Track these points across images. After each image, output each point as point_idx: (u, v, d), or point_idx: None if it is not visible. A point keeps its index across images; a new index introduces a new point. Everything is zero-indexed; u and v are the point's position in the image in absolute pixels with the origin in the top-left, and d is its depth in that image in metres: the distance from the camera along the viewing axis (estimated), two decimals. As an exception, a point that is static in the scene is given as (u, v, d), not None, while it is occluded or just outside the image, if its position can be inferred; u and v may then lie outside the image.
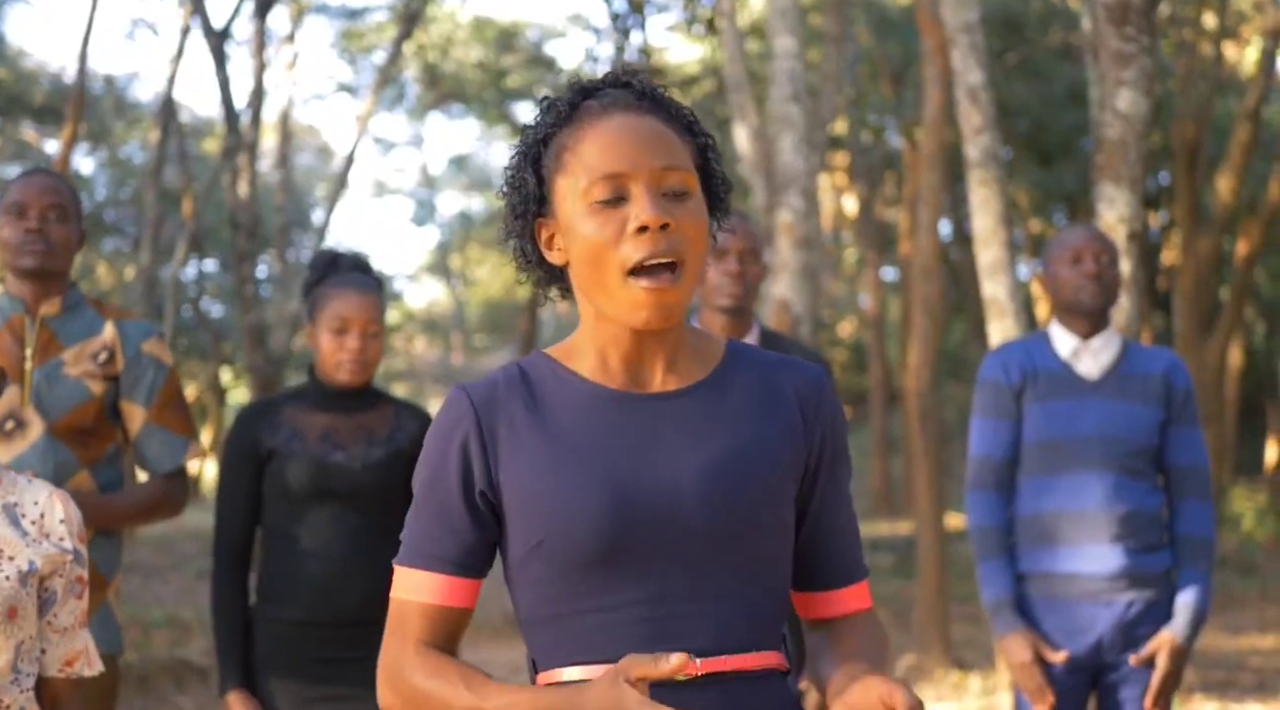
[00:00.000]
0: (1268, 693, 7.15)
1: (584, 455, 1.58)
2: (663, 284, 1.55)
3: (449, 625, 1.62)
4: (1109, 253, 3.33)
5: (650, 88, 1.64)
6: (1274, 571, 12.85)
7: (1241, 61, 18.44)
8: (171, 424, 3.10)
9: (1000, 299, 5.78)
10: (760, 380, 1.65)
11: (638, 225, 1.55)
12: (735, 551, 1.58)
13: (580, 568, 1.55)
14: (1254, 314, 21.85)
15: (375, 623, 3.07)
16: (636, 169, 1.56)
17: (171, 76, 14.22)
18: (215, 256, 24.02)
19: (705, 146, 1.65)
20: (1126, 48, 5.20)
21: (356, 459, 3.11)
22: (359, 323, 3.11)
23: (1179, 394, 3.30)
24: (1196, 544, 3.26)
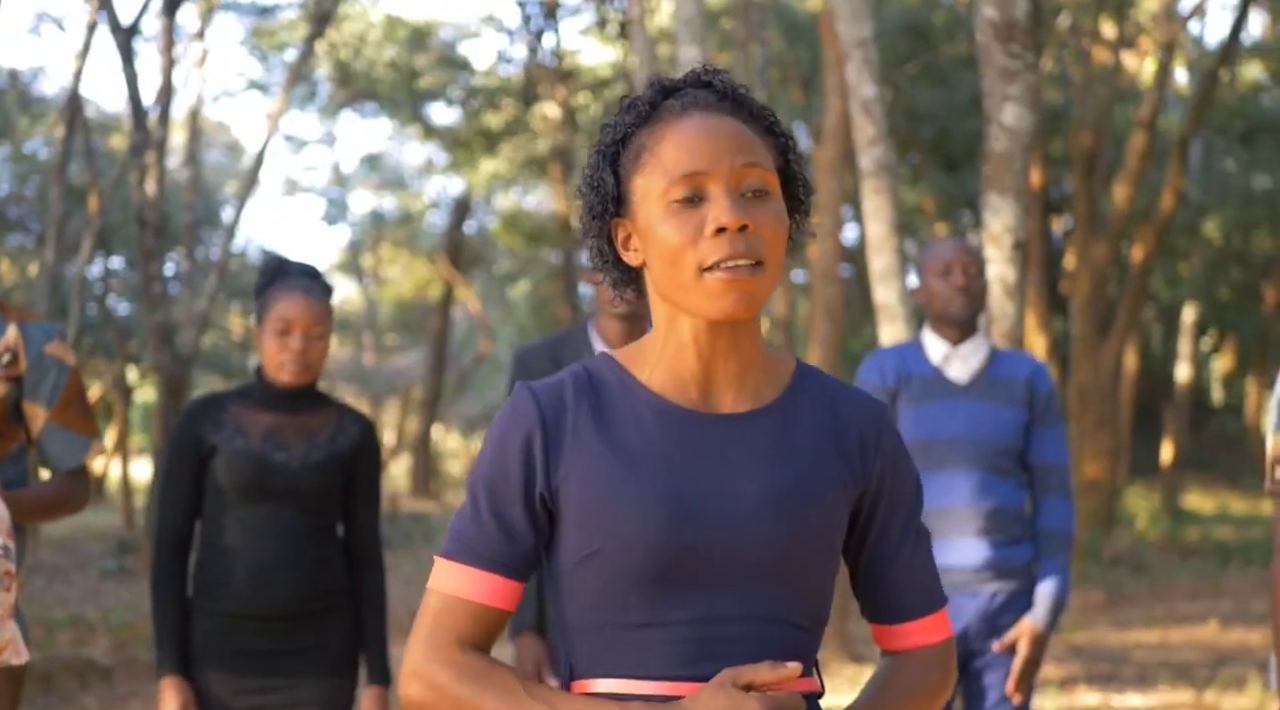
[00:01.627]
0: (1148, 685, 7.41)
1: (648, 471, 1.56)
2: (741, 275, 1.53)
3: (490, 626, 1.59)
4: (977, 265, 3.52)
5: (731, 87, 1.61)
6: (1164, 570, 13.23)
7: (1140, 71, 18.91)
8: (73, 423, 3.17)
9: (891, 304, 5.98)
10: (828, 408, 1.64)
11: (716, 226, 1.53)
12: (786, 580, 1.57)
13: (632, 582, 1.54)
14: (1151, 318, 22.42)
15: (306, 616, 3.20)
16: (715, 169, 1.54)
17: (78, 72, 14.08)
18: (121, 254, 23.76)
19: (786, 147, 1.63)
20: (1012, 64, 5.41)
21: (297, 458, 3.21)
22: (302, 325, 3.20)
23: (1042, 397, 3.50)
24: (1057, 538, 3.47)
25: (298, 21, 21.11)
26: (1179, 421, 19.76)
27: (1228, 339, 23.63)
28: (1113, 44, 16.88)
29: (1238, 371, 24.15)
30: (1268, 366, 21.18)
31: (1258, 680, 7.12)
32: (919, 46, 17.30)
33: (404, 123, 23.80)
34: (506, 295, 29.56)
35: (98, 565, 12.33)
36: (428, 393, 24.50)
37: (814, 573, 1.59)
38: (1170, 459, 19.15)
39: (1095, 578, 12.22)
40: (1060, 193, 19.55)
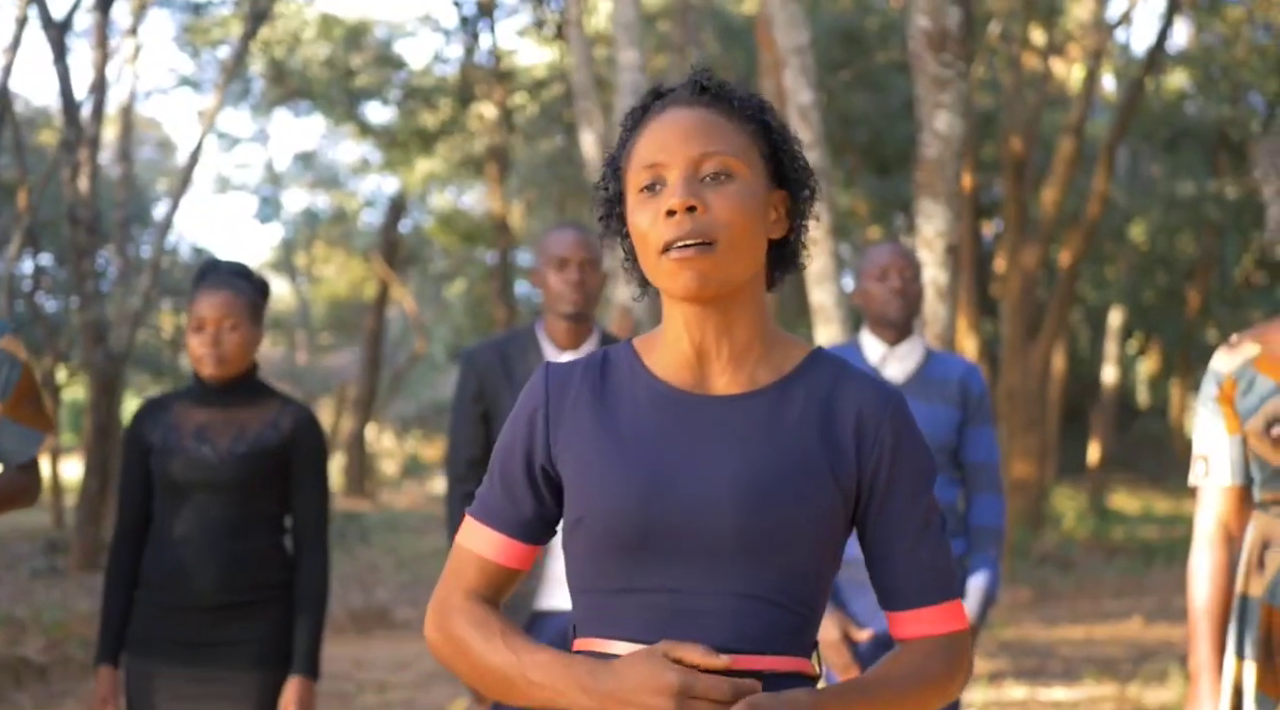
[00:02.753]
0: (1073, 679, 7.59)
1: (631, 447, 1.65)
2: (686, 255, 1.61)
3: (500, 581, 1.72)
4: (912, 269, 3.65)
5: (715, 83, 1.69)
6: (1089, 568, 13.48)
7: (1069, 78, 19.23)
8: (25, 418, 3.21)
9: (827, 306, 6.11)
10: (824, 396, 1.68)
11: (665, 209, 1.62)
12: (761, 560, 1.61)
13: (610, 550, 1.64)
14: (1078, 321, 22.78)
15: (234, 608, 3.26)
16: (672, 158, 1.64)
17: (7, 67, 13.91)
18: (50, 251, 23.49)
19: (774, 134, 1.70)
20: (944, 73, 5.55)
21: (217, 453, 3.29)
22: (213, 320, 3.30)
23: (974, 397, 3.63)
24: (987, 533, 3.60)
25: (231, 18, 20.97)
26: (1105, 423, 20.11)
27: (1153, 341, 24.07)
28: (1042, 51, 17.16)
29: (1162, 374, 24.61)
30: (1191, 369, 21.60)
31: (1179, 674, 7.32)
32: (853, 52, 17.49)
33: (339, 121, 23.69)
34: (442, 294, 29.52)
35: (28, 564, 12.23)
36: (362, 392, 24.43)
37: (795, 555, 1.62)
38: (1097, 460, 19.48)
39: (1023, 575, 12.44)
40: (990, 197, 19.84)
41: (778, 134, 1.70)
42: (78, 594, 11.42)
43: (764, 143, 1.69)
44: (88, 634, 9.40)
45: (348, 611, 10.06)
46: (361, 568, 13.38)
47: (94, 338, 13.58)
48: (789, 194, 1.71)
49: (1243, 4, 16.41)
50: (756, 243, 1.65)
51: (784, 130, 1.71)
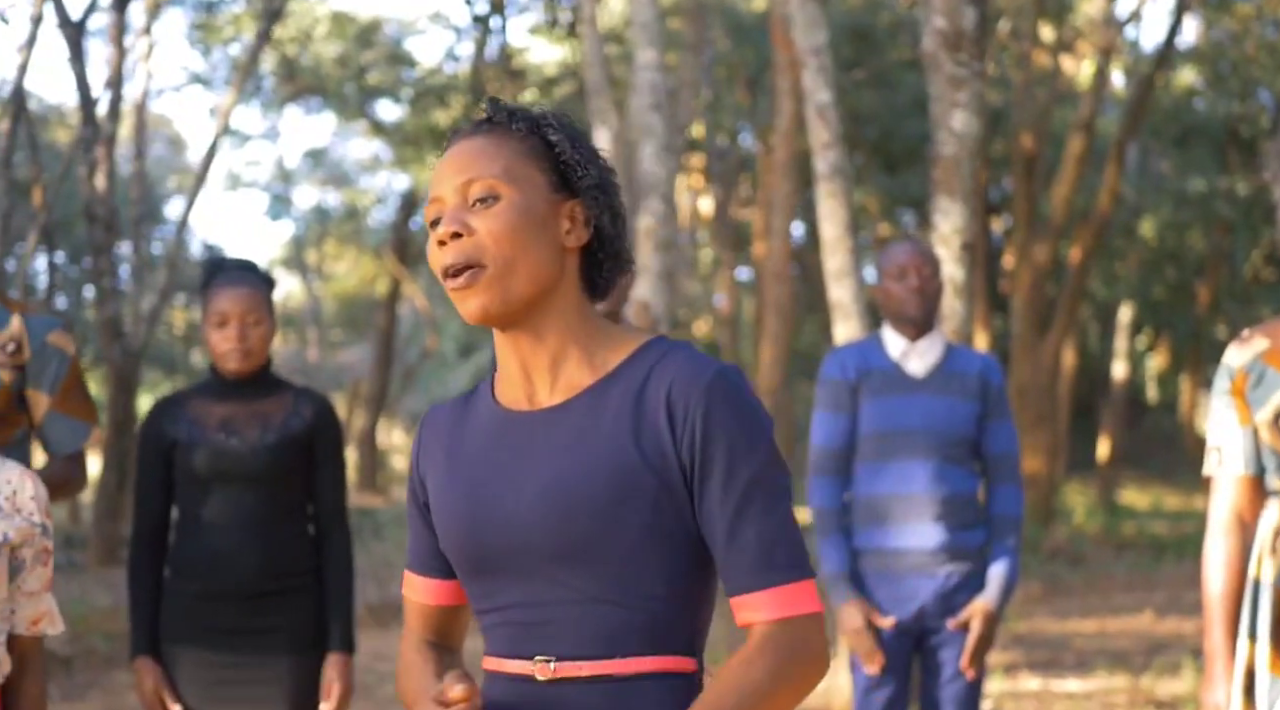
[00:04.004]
0: (1086, 670, 7.68)
1: (462, 476, 1.70)
2: (459, 283, 1.63)
3: (441, 621, 1.79)
4: (931, 266, 3.74)
5: (491, 110, 1.72)
6: (1100, 562, 13.55)
7: (1079, 74, 19.28)
8: (73, 410, 3.31)
9: (845, 302, 6.19)
10: (642, 386, 1.64)
11: (436, 242, 1.66)
12: (592, 564, 1.61)
13: (465, 575, 1.70)
14: (1088, 317, 22.84)
15: (270, 595, 3.36)
16: (444, 190, 1.67)
17: (23, 65, 14.00)
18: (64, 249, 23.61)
19: (553, 144, 1.70)
20: (960, 72, 5.63)
21: (250, 444, 3.37)
22: (236, 314, 3.38)
23: (993, 390, 3.73)
24: (1007, 522, 3.70)
25: (242, 16, 21.07)
26: (1115, 418, 20.17)
27: (1162, 337, 24.12)
28: (1052, 48, 17.21)
29: (1172, 369, 24.66)
30: (1201, 364, 21.66)
31: (1192, 666, 7.40)
32: (863, 50, 17.55)
33: (350, 118, 23.79)
34: (452, 291, 29.55)
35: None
36: (374, 388, 24.53)
37: (625, 556, 1.60)
38: (1106, 455, 19.54)
39: (1034, 570, 12.52)
40: (1000, 193, 19.90)
41: (559, 146, 1.69)
42: (97, 588, 11.53)
43: (545, 156, 1.69)
44: (109, 627, 9.51)
45: (365, 605, 10.16)
46: (376, 562, 13.47)
47: (111, 334, 13.67)
48: (582, 201, 1.69)
49: (1252, 0, 16.46)
50: (536, 256, 1.64)
51: (567, 139, 1.70)
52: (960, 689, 3.69)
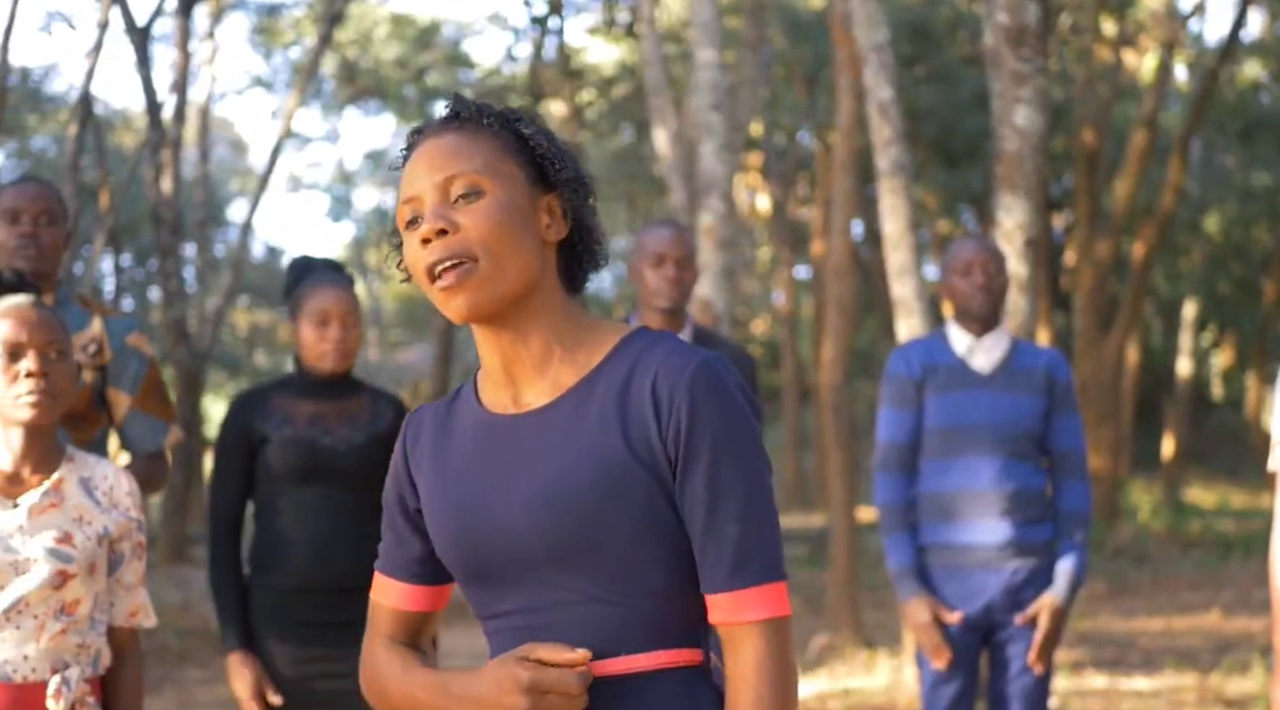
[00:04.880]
0: (1153, 668, 7.62)
1: (452, 484, 1.68)
2: (448, 281, 1.60)
3: (409, 625, 1.76)
4: (996, 263, 3.74)
5: (463, 105, 1.70)
6: (1165, 560, 13.43)
7: (1141, 69, 19.10)
8: (153, 409, 3.38)
9: (908, 299, 6.19)
10: (626, 381, 1.63)
11: (421, 240, 1.62)
12: (588, 565, 1.60)
13: (463, 583, 1.69)
14: (1152, 313, 22.63)
15: (360, 589, 3.40)
16: (421, 190, 1.64)
17: (90, 70, 14.21)
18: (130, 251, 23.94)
19: (528, 139, 1.68)
20: (1023, 68, 5.61)
21: (342, 442, 3.42)
22: (338, 315, 3.42)
23: (1060, 386, 3.73)
24: (1074, 518, 3.70)
25: (303, 19, 21.29)
26: (1180, 416, 19.97)
27: (1228, 334, 23.84)
28: (1114, 42, 17.07)
29: (1238, 366, 24.38)
30: (1267, 361, 21.38)
31: (1261, 665, 7.33)
32: (923, 46, 17.48)
33: (408, 119, 23.97)
34: (512, 291, 29.71)
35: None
36: (434, 388, 24.67)
37: (617, 555, 1.59)
38: (1171, 453, 19.35)
39: (1099, 568, 12.43)
40: (1061, 189, 19.75)
41: (533, 139, 1.68)
42: (166, 586, 11.71)
43: (520, 151, 1.67)
44: (180, 624, 9.67)
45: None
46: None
47: (177, 335, 13.85)
48: (560, 195, 1.68)
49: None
50: (523, 251, 1.63)
51: (540, 134, 1.69)
52: (1028, 684, 3.69)
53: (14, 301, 2.46)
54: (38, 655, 2.38)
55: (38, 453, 2.45)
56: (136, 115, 23.85)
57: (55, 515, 2.42)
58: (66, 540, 2.41)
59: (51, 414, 2.42)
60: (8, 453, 2.44)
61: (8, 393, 2.40)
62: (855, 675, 7.50)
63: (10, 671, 2.36)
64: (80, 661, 2.43)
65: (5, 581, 2.36)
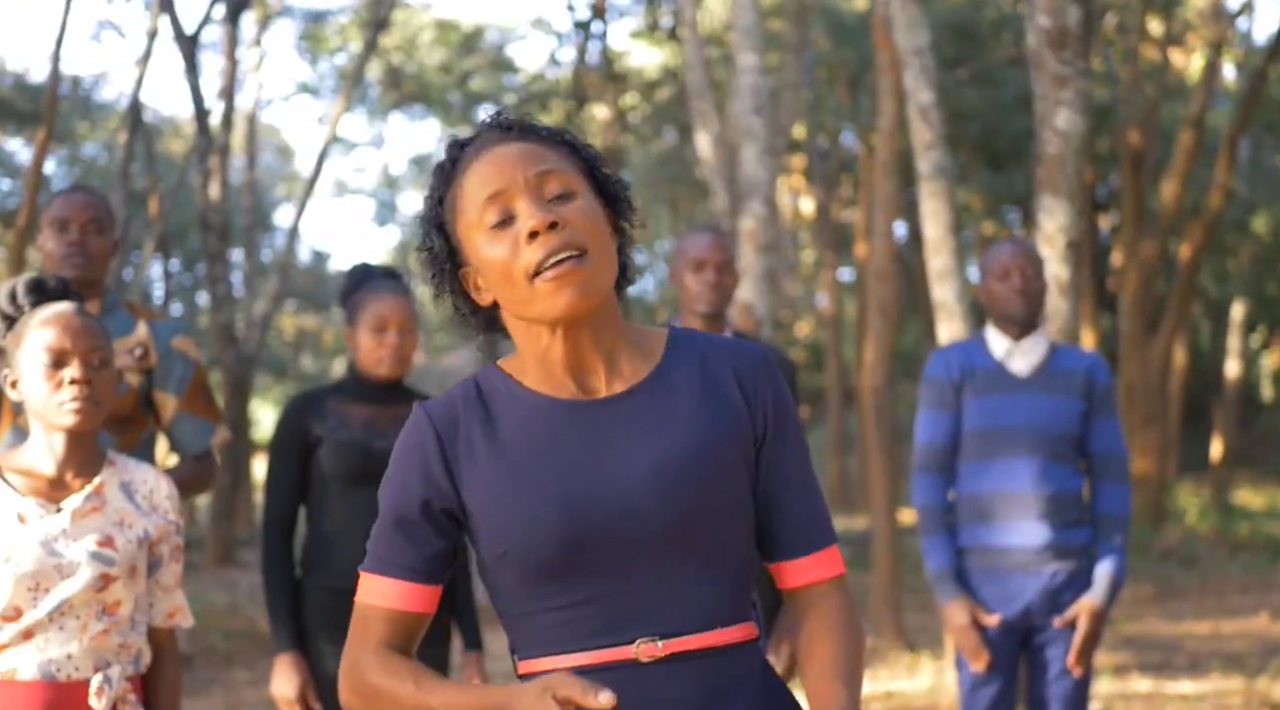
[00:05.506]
0: (1199, 672, 7.57)
1: (536, 470, 1.65)
2: (562, 271, 1.61)
3: (408, 629, 1.70)
4: (1034, 266, 3.74)
5: (515, 120, 1.73)
6: (1214, 564, 13.31)
7: (1188, 68, 18.95)
8: (200, 411, 3.43)
9: (949, 302, 6.18)
10: (700, 368, 1.71)
11: (528, 232, 1.62)
12: (694, 540, 1.64)
13: (542, 574, 1.64)
14: (1200, 315, 22.42)
15: None
16: (512, 185, 1.65)
17: (139, 78, 14.38)
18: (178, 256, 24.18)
19: (588, 157, 1.73)
20: (1064, 70, 5.59)
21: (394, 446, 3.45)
22: (396, 321, 3.47)
23: (1099, 389, 3.73)
24: (1114, 521, 3.69)
25: (349, 26, 21.44)
26: (1228, 418, 19.78)
27: (1277, 335, 23.58)
28: (1160, 41, 16.94)
29: (1288, 368, 24.10)
30: (1318, 363, 21.13)
31: (1308, 669, 7.27)
32: (966, 47, 17.40)
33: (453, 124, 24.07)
34: (556, 295, 29.78)
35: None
36: (479, 391, 24.80)
37: (723, 526, 1.66)
38: (1220, 455, 19.17)
39: (1145, 572, 12.34)
40: (1108, 190, 19.61)
41: (587, 152, 1.73)
42: (214, 588, 11.83)
43: (580, 163, 1.71)
44: (227, 625, 9.76)
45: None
46: (483, 563, 13.64)
47: (225, 339, 13.99)
48: (610, 211, 1.73)
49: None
50: (613, 252, 1.68)
51: (590, 149, 1.74)
52: (1067, 687, 3.68)
53: (58, 309, 2.51)
54: (81, 655, 2.43)
55: (80, 458, 2.50)
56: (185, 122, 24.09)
57: (97, 519, 2.47)
58: (108, 543, 2.46)
59: (93, 420, 2.47)
60: (51, 458, 2.49)
61: (52, 399, 2.45)
62: (898, 678, 7.48)
63: (55, 670, 2.42)
64: (121, 661, 2.48)
65: (51, 584, 2.41)
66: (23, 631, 2.41)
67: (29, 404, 2.49)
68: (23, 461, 2.50)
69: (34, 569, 2.41)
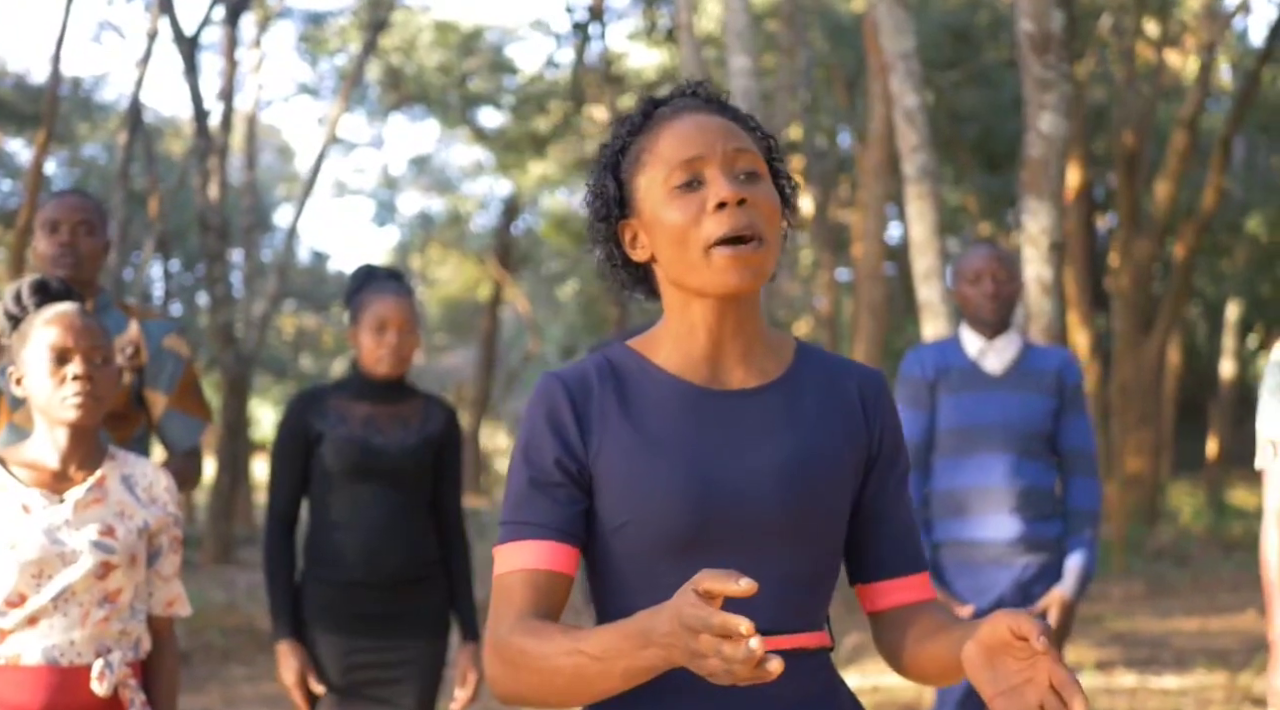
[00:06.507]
0: (1185, 668, 7.66)
1: (670, 447, 1.66)
2: (746, 250, 1.63)
3: (551, 592, 1.65)
4: (1006, 270, 3.85)
5: (715, 93, 1.75)
6: (1206, 563, 13.40)
7: (1184, 69, 19.03)
8: (190, 408, 3.53)
9: (934, 302, 6.28)
10: (828, 380, 1.74)
11: (716, 201, 1.63)
12: (801, 542, 1.67)
13: (658, 549, 1.65)
14: (1196, 315, 22.52)
15: (410, 582, 3.57)
16: (710, 154, 1.65)
17: (139, 80, 14.46)
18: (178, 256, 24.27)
19: (770, 146, 1.75)
20: (1047, 75, 5.70)
21: (394, 443, 3.57)
22: (396, 322, 3.57)
23: (1070, 387, 3.84)
24: (1083, 515, 3.80)
25: (348, 27, 21.52)
26: (1223, 418, 19.88)
27: (1272, 335, 23.67)
28: (1156, 43, 17.02)
29: (1283, 368, 24.14)
30: (1312, 363, 21.19)
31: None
32: (962, 49, 17.49)
33: (452, 125, 24.15)
34: (554, 295, 29.94)
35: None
36: (477, 391, 24.91)
37: (825, 534, 1.69)
38: (1215, 455, 19.27)
39: (1138, 570, 12.43)
40: (1105, 190, 19.70)
41: (776, 149, 1.75)
42: (212, 586, 11.91)
43: (764, 152, 1.73)
44: (225, 623, 9.85)
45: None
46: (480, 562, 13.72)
47: (224, 339, 14.06)
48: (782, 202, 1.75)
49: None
50: (780, 243, 1.70)
51: (775, 140, 1.76)
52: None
53: (61, 309, 2.62)
54: (83, 640, 2.53)
55: (82, 451, 2.61)
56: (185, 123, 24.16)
57: (99, 510, 2.58)
58: (109, 533, 2.56)
59: (95, 415, 2.57)
60: (54, 451, 2.59)
61: (55, 395, 2.55)
62: (885, 673, 7.57)
63: (58, 655, 2.52)
64: (122, 647, 2.58)
65: (53, 572, 2.52)
66: (27, 617, 2.51)
67: (33, 400, 2.59)
68: (27, 455, 2.61)
69: (38, 557, 2.51)
